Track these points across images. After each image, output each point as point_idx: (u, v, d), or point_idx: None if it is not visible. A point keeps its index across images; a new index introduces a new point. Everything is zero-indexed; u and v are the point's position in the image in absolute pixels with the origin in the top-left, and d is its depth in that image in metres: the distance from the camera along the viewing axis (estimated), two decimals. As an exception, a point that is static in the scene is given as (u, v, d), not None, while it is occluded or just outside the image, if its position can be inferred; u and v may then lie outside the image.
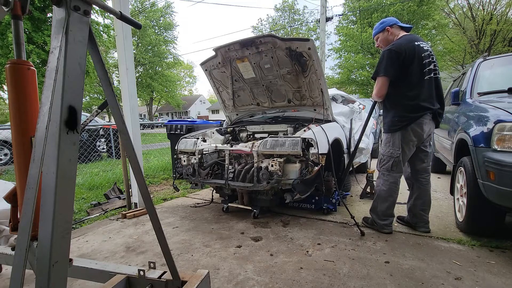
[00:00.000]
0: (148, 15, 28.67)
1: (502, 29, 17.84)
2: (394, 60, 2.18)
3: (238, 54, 3.15)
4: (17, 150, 1.18)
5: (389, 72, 2.20)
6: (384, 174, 2.41)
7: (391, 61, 2.18)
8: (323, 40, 10.41)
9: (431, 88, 2.25)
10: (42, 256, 0.76)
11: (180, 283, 1.24)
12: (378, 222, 2.42)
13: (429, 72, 2.22)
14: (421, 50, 2.21)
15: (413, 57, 2.18)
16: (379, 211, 2.42)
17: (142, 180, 1.13)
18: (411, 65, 2.18)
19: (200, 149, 2.95)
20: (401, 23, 2.40)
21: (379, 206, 2.41)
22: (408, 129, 2.25)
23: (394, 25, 2.37)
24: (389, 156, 2.35)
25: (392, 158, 2.34)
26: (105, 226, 2.76)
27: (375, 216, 2.46)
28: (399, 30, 2.38)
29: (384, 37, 2.41)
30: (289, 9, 31.22)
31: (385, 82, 2.24)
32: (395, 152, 2.33)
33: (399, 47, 2.18)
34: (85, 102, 26.93)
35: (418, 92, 2.22)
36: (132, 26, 1.21)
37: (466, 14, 19.89)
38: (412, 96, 2.22)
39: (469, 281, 1.67)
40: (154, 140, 12.44)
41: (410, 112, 2.24)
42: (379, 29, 2.43)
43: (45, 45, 9.30)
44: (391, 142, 2.34)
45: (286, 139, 2.51)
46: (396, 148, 2.31)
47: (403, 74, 2.20)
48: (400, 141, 2.29)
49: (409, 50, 2.17)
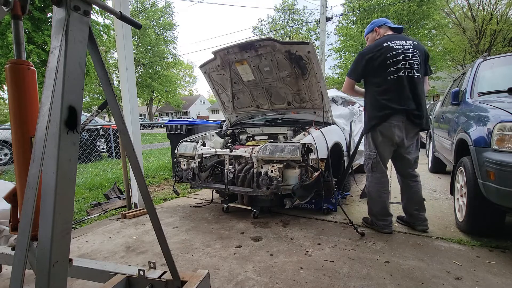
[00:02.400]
0: (148, 15, 28.67)
1: (502, 29, 17.84)
2: (359, 64, 2.29)
3: (237, 57, 3.15)
4: (17, 150, 1.18)
5: (352, 76, 2.36)
6: (368, 176, 2.45)
7: (356, 65, 2.32)
8: (323, 40, 10.41)
9: (402, 88, 2.19)
10: (42, 256, 0.76)
11: (180, 283, 1.24)
12: (377, 223, 2.41)
13: (396, 71, 2.18)
14: (390, 50, 2.20)
15: (379, 57, 2.20)
16: (375, 213, 2.42)
17: (142, 180, 1.13)
18: (379, 66, 2.21)
19: (199, 154, 2.95)
20: (391, 24, 2.40)
21: (373, 207, 2.43)
22: (377, 130, 2.29)
23: (383, 26, 2.39)
24: (368, 157, 2.42)
25: (371, 160, 2.38)
26: (105, 226, 2.76)
27: (373, 218, 2.46)
28: (387, 30, 2.38)
29: (372, 37, 2.45)
30: (289, 9, 31.22)
31: (349, 83, 2.40)
32: (371, 154, 2.37)
33: (367, 50, 2.27)
34: (85, 102, 26.94)
35: (385, 93, 2.23)
36: (132, 26, 1.21)
37: (466, 14, 19.88)
38: (379, 96, 2.25)
39: (469, 281, 1.67)
40: (154, 140, 12.44)
41: (378, 112, 2.26)
42: (368, 29, 2.48)
43: (45, 45, 9.30)
44: (367, 143, 2.42)
45: (286, 144, 2.51)
46: (372, 149, 2.37)
47: (371, 75, 2.27)
48: (372, 142, 2.35)
49: (377, 52, 2.21)
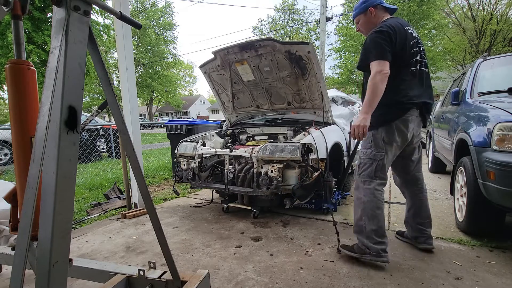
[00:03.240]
0: (148, 15, 28.68)
1: (502, 29, 17.84)
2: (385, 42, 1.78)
3: (237, 57, 3.15)
4: (17, 150, 1.18)
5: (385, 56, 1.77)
6: (365, 182, 1.93)
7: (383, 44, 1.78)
8: (323, 40, 10.41)
9: (421, 80, 1.93)
10: (42, 256, 0.76)
11: (180, 283, 1.24)
12: (372, 248, 1.85)
13: (415, 63, 1.91)
14: (410, 37, 1.89)
15: (404, 43, 1.84)
16: (370, 232, 1.86)
17: (142, 180, 1.13)
18: (402, 52, 1.84)
19: (199, 154, 2.95)
20: (385, 4, 2.01)
21: (368, 225, 1.87)
22: (392, 125, 1.89)
23: (378, 6, 1.98)
24: (371, 159, 1.94)
25: (375, 162, 1.91)
26: (105, 226, 2.76)
27: (366, 240, 1.88)
28: (384, 12, 2.00)
29: (366, 19, 2.03)
30: (289, 9, 31.22)
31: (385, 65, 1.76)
32: (377, 154, 1.92)
33: (391, 28, 1.81)
34: (85, 102, 26.94)
35: (405, 83, 1.88)
36: (132, 26, 1.21)
37: (466, 14, 19.89)
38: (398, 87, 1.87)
39: (469, 281, 1.67)
40: (154, 140, 12.44)
41: (397, 103, 1.87)
42: (360, 9, 2.03)
43: (45, 45, 9.30)
44: (371, 141, 1.95)
45: (286, 144, 2.51)
46: (380, 149, 1.92)
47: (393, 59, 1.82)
48: (382, 140, 1.91)
49: (401, 34, 1.83)
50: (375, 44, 1.80)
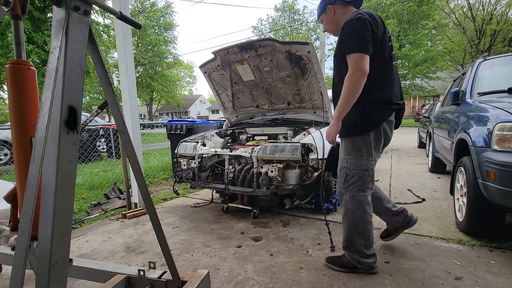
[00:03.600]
0: (148, 15, 28.71)
1: (502, 29, 17.85)
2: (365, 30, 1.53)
3: (237, 57, 3.15)
4: (17, 150, 1.18)
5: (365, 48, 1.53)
6: (355, 196, 1.73)
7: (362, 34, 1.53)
8: (323, 40, 10.41)
9: (397, 79, 1.77)
10: (42, 256, 0.76)
11: (180, 283, 1.24)
12: (365, 262, 1.75)
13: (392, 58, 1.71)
14: (386, 30, 1.69)
15: (384, 33, 1.63)
16: (360, 246, 1.75)
17: (142, 180, 1.13)
18: (382, 43, 1.62)
19: (199, 154, 2.95)
20: None
21: (358, 239, 1.75)
22: (380, 129, 1.70)
23: (337, 2, 1.76)
24: (359, 169, 1.71)
25: (366, 172, 1.71)
26: (105, 226, 2.76)
27: (356, 256, 1.76)
28: (346, 7, 1.76)
29: (328, 19, 1.83)
30: (289, 9, 31.24)
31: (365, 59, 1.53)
32: (367, 164, 1.71)
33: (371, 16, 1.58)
34: (85, 102, 26.95)
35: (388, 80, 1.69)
36: (132, 26, 1.21)
37: (466, 14, 19.89)
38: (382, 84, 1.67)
39: (469, 281, 1.67)
40: (154, 140, 12.44)
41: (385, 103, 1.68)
42: (321, 9, 1.84)
43: (45, 45, 9.31)
44: (357, 148, 1.72)
45: (286, 144, 2.50)
46: (370, 157, 1.71)
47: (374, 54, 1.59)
48: (369, 147, 1.70)
49: (380, 24, 1.62)
50: (357, 32, 1.54)
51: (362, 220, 1.73)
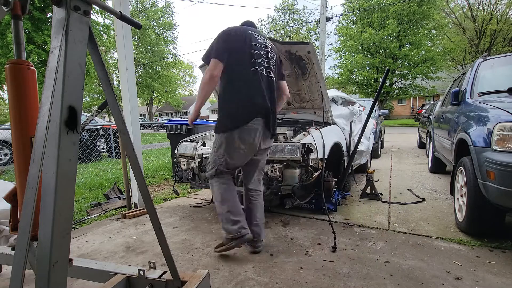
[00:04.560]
0: (148, 15, 28.70)
1: (502, 29, 17.88)
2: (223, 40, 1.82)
3: None
4: (17, 150, 1.18)
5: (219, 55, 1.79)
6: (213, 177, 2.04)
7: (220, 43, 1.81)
8: (323, 40, 10.41)
9: (263, 85, 1.88)
10: (42, 256, 0.76)
11: (180, 283, 1.24)
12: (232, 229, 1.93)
13: (259, 65, 1.88)
14: (253, 38, 1.90)
15: (243, 40, 1.85)
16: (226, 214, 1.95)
17: (142, 180, 1.13)
18: (241, 49, 1.84)
19: (199, 154, 2.95)
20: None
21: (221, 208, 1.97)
22: (234, 134, 1.85)
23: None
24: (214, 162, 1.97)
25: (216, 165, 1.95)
26: (105, 226, 2.76)
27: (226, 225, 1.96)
28: None
29: None
30: (289, 9, 31.25)
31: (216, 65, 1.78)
32: (218, 160, 1.94)
33: (232, 29, 1.88)
34: (85, 102, 26.95)
35: (248, 85, 1.84)
36: (132, 26, 1.21)
37: (466, 14, 19.91)
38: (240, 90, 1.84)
39: (469, 281, 1.67)
40: (154, 140, 12.45)
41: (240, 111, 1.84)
42: None
43: (45, 45, 9.30)
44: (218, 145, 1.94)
45: (286, 144, 2.50)
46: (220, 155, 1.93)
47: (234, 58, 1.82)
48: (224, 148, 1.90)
49: (239, 32, 1.87)
50: (217, 41, 1.83)
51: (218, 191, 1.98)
